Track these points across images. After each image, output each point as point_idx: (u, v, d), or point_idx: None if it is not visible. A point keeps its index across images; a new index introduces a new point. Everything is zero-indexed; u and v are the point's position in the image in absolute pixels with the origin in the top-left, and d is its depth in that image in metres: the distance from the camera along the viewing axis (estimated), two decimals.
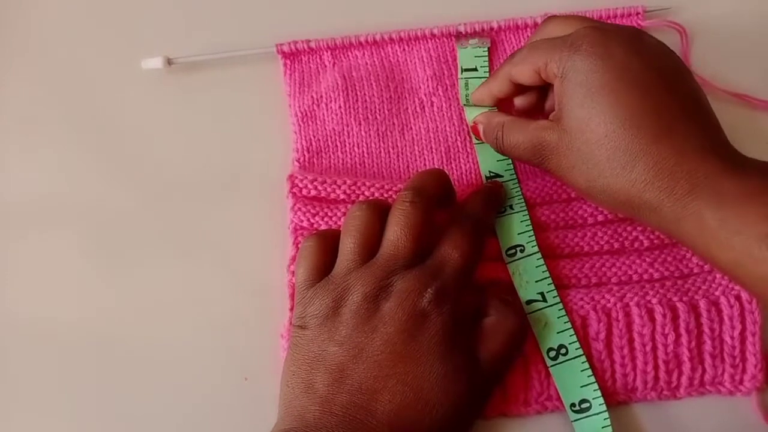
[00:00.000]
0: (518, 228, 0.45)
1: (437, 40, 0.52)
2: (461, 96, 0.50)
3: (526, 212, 0.46)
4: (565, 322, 0.43)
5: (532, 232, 0.45)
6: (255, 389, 0.45)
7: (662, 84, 0.38)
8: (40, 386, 0.46)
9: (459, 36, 0.52)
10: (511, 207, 0.46)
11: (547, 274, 0.44)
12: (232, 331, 0.46)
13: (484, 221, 0.44)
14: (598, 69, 0.38)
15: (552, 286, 0.44)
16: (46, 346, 0.47)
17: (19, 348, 0.47)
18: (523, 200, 0.46)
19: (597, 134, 0.38)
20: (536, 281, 0.44)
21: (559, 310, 0.43)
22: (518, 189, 0.46)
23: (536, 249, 0.45)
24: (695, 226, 0.36)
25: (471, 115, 0.48)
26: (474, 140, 0.49)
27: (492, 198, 0.46)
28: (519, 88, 0.46)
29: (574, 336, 0.43)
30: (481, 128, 0.47)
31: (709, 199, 0.35)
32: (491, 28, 0.52)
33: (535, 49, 0.42)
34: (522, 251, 0.45)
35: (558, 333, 0.43)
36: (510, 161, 0.47)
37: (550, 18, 0.44)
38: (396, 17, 0.53)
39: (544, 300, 0.44)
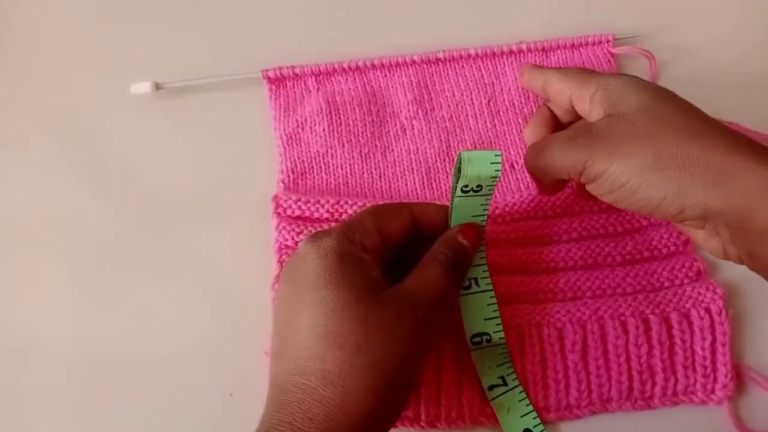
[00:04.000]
0: (485, 313, 0.43)
1: (417, 67, 0.54)
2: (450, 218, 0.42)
3: (493, 292, 0.43)
4: (527, 405, 0.44)
5: (499, 319, 0.43)
6: (240, 405, 0.46)
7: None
8: (26, 404, 0.47)
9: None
10: (476, 282, 0.43)
11: (508, 358, 0.44)
12: (218, 349, 0.47)
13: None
14: (644, 83, 0.42)
15: (511, 369, 0.44)
16: (32, 364, 0.47)
17: (6, 366, 0.48)
18: (488, 275, 0.43)
19: (670, 111, 0.40)
20: (497, 366, 0.44)
21: (520, 392, 0.44)
22: (484, 259, 0.43)
23: (502, 338, 0.43)
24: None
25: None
26: (452, 198, 0.41)
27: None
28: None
29: (538, 419, 0.44)
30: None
31: None
32: (468, 55, 0.54)
33: (572, 73, 0.45)
34: (488, 341, 0.43)
35: (522, 417, 0.44)
36: (484, 218, 0.42)
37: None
38: (377, 44, 0.55)
39: (505, 384, 0.44)
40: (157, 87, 0.53)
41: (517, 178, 0.51)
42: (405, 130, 0.53)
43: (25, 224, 0.51)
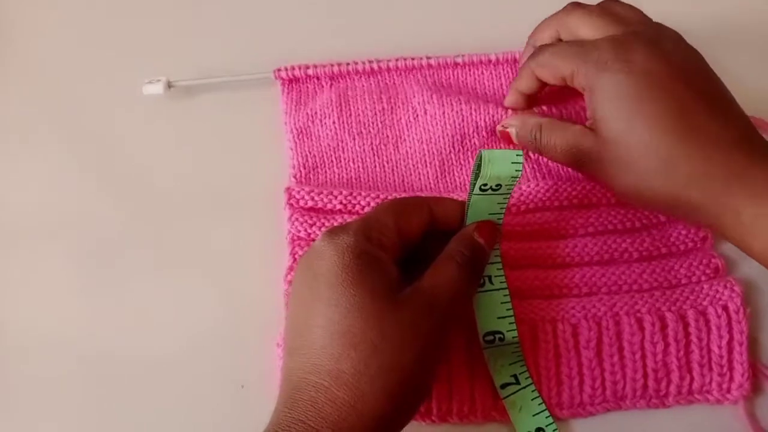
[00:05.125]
0: (498, 311, 0.43)
1: (434, 70, 0.53)
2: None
3: (507, 290, 0.43)
4: (539, 404, 0.43)
5: (512, 317, 0.43)
6: (251, 396, 0.45)
7: (682, 84, 0.41)
8: (31, 401, 0.46)
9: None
10: (490, 280, 0.43)
11: (521, 356, 0.44)
12: (230, 340, 0.47)
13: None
14: (623, 83, 0.41)
15: (524, 368, 0.44)
16: (44, 358, 0.47)
17: (13, 360, 0.47)
18: (502, 273, 0.43)
19: (640, 145, 0.40)
20: (510, 364, 0.43)
21: (533, 391, 0.44)
22: (498, 256, 0.43)
23: (515, 336, 0.43)
24: (733, 220, 0.39)
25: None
26: (469, 195, 0.41)
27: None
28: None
29: (550, 417, 0.43)
30: (513, 131, 0.47)
31: (743, 194, 0.38)
32: (489, 60, 0.53)
33: (560, 56, 0.44)
34: (501, 339, 0.43)
35: (534, 416, 0.43)
36: (501, 216, 0.42)
37: (574, 7, 0.46)
38: (392, 41, 0.54)
39: (518, 382, 0.43)
40: (169, 85, 0.53)
41: (533, 167, 0.50)
42: (417, 116, 0.51)
43: (39, 223, 0.51)
